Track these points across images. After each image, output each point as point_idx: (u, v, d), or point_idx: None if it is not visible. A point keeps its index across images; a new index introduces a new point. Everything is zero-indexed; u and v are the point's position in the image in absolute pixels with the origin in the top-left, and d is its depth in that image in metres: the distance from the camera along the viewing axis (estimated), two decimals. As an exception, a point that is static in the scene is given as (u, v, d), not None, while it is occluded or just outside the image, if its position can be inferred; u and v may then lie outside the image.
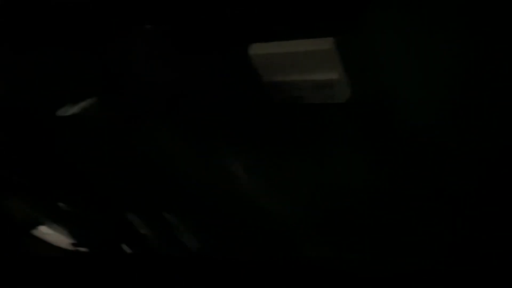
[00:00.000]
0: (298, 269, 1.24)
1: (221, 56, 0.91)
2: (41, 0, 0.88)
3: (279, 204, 1.16)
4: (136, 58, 0.89)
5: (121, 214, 1.36)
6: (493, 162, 0.97)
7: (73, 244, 1.52)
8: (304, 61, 0.87)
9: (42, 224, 1.48)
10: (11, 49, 0.97)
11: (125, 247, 1.43)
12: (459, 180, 1.02)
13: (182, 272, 1.36)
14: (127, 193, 1.25)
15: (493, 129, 0.91)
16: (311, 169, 1.03)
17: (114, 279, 1.39)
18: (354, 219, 1.13)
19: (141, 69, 0.90)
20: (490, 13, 0.80)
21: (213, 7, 0.87)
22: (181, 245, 1.34)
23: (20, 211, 1.41)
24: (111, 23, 0.86)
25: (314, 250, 1.25)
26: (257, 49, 0.88)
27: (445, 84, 0.87)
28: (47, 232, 1.52)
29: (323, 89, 0.89)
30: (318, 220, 1.17)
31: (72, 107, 1.00)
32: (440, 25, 0.81)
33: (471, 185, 1.03)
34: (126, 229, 1.37)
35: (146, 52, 0.88)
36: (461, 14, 0.80)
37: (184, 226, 1.30)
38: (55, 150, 1.19)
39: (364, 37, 0.85)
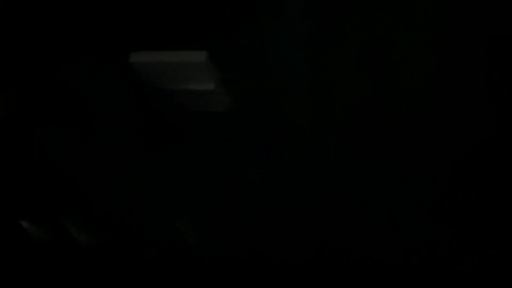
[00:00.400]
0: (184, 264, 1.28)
1: (104, 62, 0.93)
2: None
3: (172, 209, 1.19)
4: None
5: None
6: (370, 166, 1.02)
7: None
8: (182, 72, 0.90)
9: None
10: None
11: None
12: (345, 183, 1.06)
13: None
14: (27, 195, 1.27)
15: (373, 131, 0.95)
16: (198, 175, 1.07)
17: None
18: (250, 222, 1.17)
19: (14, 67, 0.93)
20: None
21: (96, 15, 0.89)
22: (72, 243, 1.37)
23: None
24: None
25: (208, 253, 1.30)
26: (137, 58, 0.91)
27: (323, 90, 0.91)
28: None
29: (201, 98, 0.93)
30: (215, 225, 1.21)
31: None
32: (307, 36, 0.84)
33: (359, 186, 1.07)
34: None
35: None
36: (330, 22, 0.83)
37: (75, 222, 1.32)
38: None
39: (239, 50, 0.88)
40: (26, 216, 1.29)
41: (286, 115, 0.96)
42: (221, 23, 0.86)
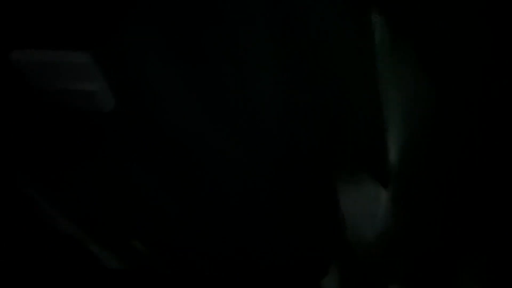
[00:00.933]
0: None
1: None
2: None
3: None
4: None
5: None
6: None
7: None
8: (65, 71, 0.89)
9: None
10: None
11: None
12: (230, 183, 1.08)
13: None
14: None
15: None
16: (82, 176, 1.06)
17: None
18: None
19: None
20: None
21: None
22: None
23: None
24: None
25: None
26: (19, 56, 0.90)
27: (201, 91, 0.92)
28: None
29: (86, 99, 0.92)
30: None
31: None
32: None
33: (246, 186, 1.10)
34: None
35: None
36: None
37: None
38: None
39: (121, 51, 0.88)
40: None
41: (166, 118, 0.97)
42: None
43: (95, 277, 1.29)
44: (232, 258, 1.25)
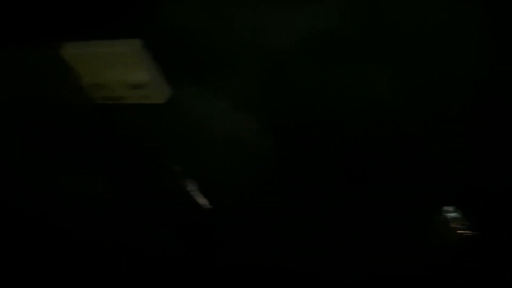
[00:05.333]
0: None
1: (33, 55, 0.88)
2: None
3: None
4: None
5: None
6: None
7: None
8: (115, 62, 0.85)
9: None
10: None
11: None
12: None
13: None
14: None
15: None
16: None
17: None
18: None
19: None
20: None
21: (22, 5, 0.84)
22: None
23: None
24: None
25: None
26: (68, 49, 0.86)
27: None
28: None
29: (138, 89, 0.88)
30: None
31: None
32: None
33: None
34: None
35: None
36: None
37: None
38: None
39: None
40: None
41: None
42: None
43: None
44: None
